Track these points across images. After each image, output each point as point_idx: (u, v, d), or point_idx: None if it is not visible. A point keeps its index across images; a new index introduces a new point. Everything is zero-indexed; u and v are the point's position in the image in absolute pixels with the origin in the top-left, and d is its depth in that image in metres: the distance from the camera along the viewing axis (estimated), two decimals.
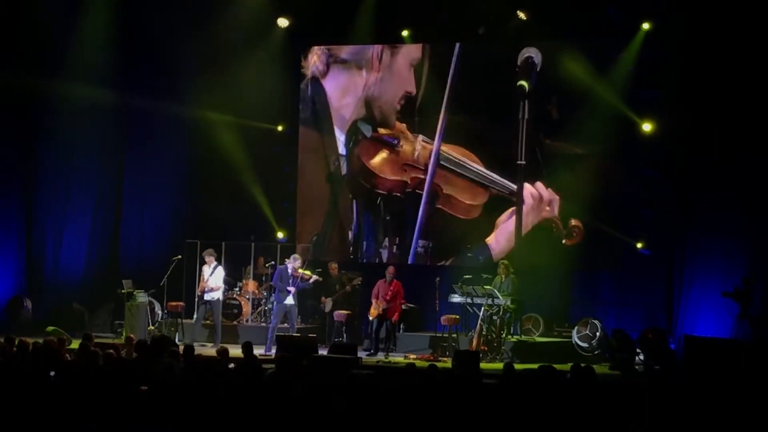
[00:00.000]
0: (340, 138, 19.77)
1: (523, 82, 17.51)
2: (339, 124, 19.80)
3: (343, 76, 19.80)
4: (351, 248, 19.84)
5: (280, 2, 19.22)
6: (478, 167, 18.85)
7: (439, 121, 18.88)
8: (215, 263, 17.76)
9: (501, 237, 18.74)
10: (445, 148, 18.98)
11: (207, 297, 17.60)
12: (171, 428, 9.54)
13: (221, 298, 17.95)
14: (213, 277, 17.61)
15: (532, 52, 18.18)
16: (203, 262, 17.80)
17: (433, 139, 18.98)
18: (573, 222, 18.22)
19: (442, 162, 19.00)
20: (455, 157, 18.97)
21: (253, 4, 19.01)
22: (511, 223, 18.61)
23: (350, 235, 19.79)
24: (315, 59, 19.81)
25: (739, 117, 16.75)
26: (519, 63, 18.29)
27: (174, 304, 18.13)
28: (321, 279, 18.10)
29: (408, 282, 17.97)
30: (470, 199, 18.91)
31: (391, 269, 17.61)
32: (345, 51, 19.74)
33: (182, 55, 19.27)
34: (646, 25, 17.52)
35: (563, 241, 18.24)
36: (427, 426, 9.21)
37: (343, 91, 19.79)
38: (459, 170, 18.94)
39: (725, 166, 16.92)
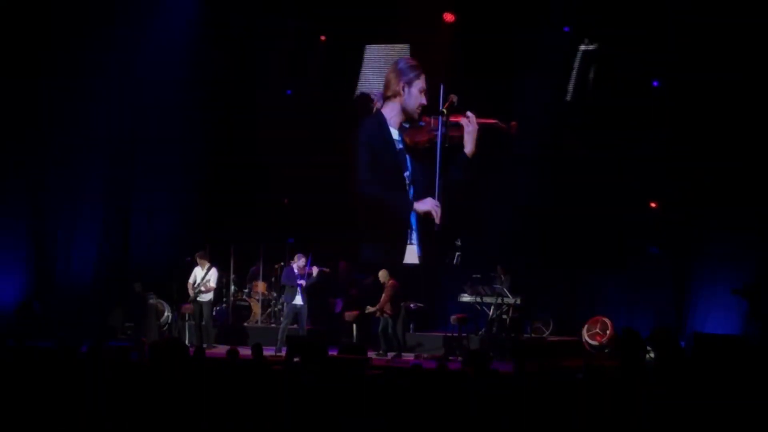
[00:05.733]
0: None
1: None
2: None
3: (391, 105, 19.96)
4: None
5: None
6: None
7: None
8: (208, 264, 17.81)
9: None
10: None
11: (200, 298, 17.66)
12: (183, 430, 9.57)
13: (212, 299, 18.02)
14: (208, 278, 17.68)
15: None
16: (195, 264, 17.86)
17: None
18: None
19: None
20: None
21: None
22: None
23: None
24: (376, 102, 20.03)
25: (743, 116, 16.75)
26: None
27: (185, 306, 18.18)
28: (327, 270, 18.16)
29: (417, 281, 18.00)
30: None
31: (381, 272, 17.69)
32: (390, 90, 19.90)
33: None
34: None
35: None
36: (437, 426, 9.22)
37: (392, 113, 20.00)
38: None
39: (733, 162, 16.90)
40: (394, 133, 19.41)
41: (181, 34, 19.53)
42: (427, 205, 18.97)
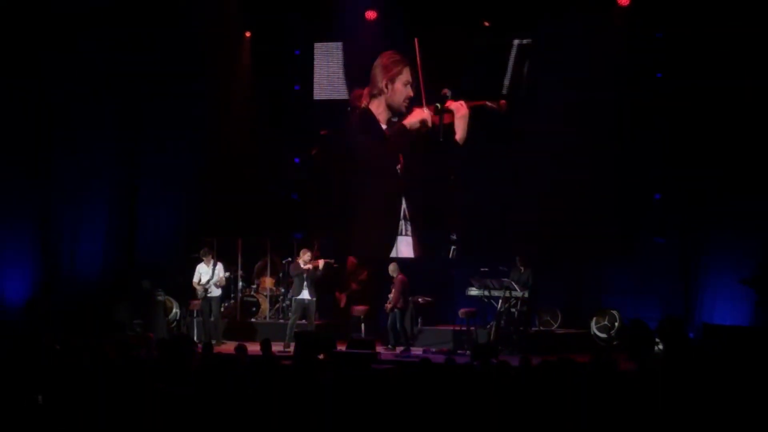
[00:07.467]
0: None
1: None
2: None
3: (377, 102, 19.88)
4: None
5: None
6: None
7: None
8: (213, 261, 17.82)
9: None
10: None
11: (210, 294, 17.71)
12: (190, 425, 9.58)
13: (221, 294, 18.07)
14: (216, 274, 17.71)
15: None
16: (200, 260, 17.88)
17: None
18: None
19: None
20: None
21: None
22: None
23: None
24: (363, 99, 19.93)
25: (748, 102, 16.71)
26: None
27: (193, 302, 18.19)
28: (333, 261, 18.18)
29: (424, 275, 17.97)
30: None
31: (390, 266, 17.68)
32: (375, 87, 19.80)
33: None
34: None
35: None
36: (445, 419, 9.22)
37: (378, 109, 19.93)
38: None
39: (738, 149, 16.85)
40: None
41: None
42: (423, 113, 18.88)
